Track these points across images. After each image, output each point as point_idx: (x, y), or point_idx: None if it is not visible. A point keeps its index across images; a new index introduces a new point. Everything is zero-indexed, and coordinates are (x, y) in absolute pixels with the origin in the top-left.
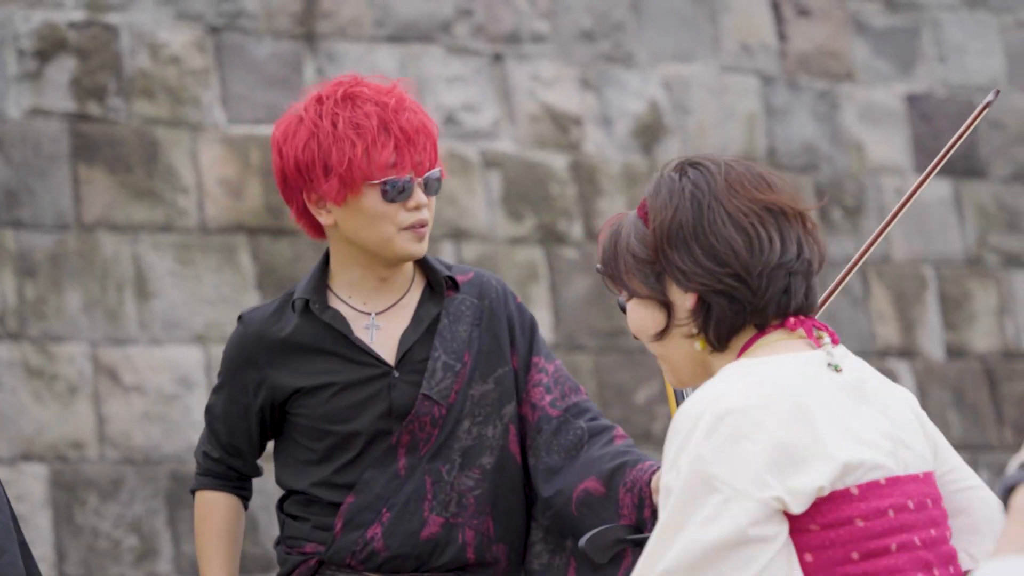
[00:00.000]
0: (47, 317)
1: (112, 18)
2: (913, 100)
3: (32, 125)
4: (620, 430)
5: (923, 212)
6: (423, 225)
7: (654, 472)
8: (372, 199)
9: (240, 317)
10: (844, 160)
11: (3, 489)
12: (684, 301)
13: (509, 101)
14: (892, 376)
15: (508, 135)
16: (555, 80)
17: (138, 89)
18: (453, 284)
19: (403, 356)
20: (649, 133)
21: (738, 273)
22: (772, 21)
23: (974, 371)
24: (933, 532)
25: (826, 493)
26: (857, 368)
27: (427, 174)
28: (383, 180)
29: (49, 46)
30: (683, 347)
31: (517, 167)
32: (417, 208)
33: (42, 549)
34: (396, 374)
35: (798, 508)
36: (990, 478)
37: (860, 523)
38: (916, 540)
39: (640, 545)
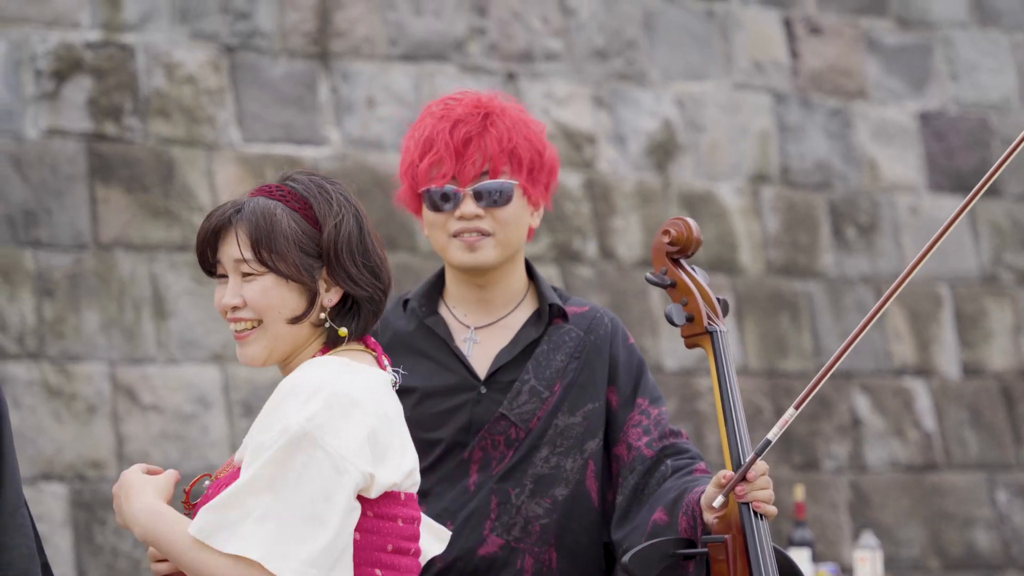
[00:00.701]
0: (65, 336)
1: (128, 38)
2: (926, 118)
3: (50, 145)
4: (703, 465)
5: (937, 230)
6: (471, 234)
7: (703, 491)
8: (425, 208)
9: None
10: (857, 178)
11: (28, 511)
12: (329, 296)
13: None
14: (909, 395)
15: None
16: (568, 98)
17: (154, 109)
18: (561, 313)
19: (493, 373)
20: (663, 151)
21: (385, 289)
22: (784, 39)
23: (991, 389)
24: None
25: (390, 489)
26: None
27: (477, 184)
28: (425, 189)
29: (66, 66)
30: (300, 331)
31: None
32: (463, 218)
33: (62, 569)
34: (483, 389)
35: (374, 493)
36: (1009, 498)
37: (400, 523)
38: (414, 550)
39: (691, 558)
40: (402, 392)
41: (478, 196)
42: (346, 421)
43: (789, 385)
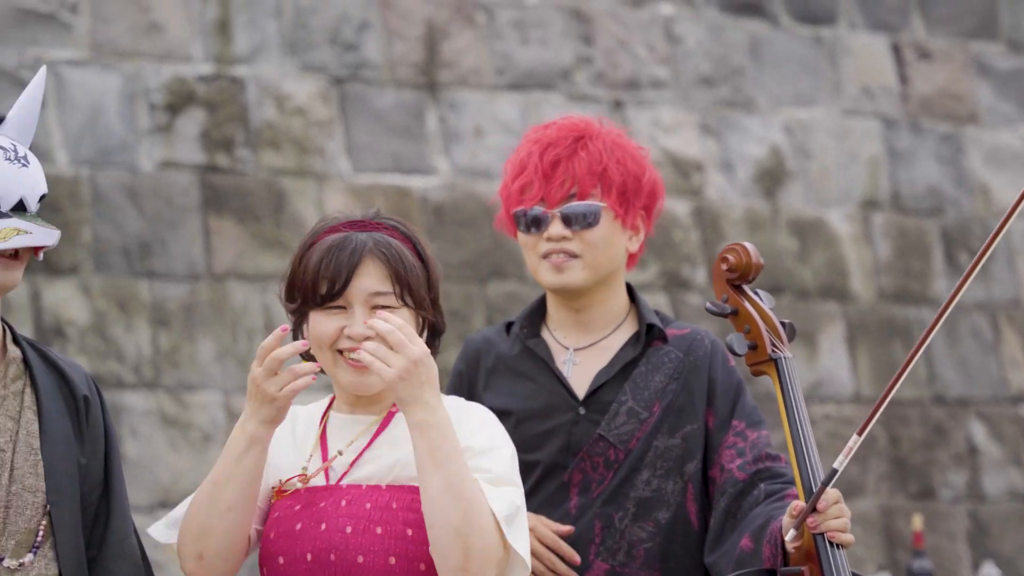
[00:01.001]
0: (180, 366)
1: (239, 71)
2: None
3: (164, 177)
4: (795, 490)
5: None
6: (558, 255)
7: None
8: (519, 231)
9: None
10: (970, 203)
11: (139, 539)
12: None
13: None
14: None
15: None
16: (676, 126)
17: (265, 140)
18: (661, 335)
19: (592, 394)
20: (771, 178)
21: None
22: (893, 64)
23: None
24: None
25: None
26: None
27: (564, 207)
28: (515, 211)
29: (179, 100)
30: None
31: None
32: (551, 239)
33: None
34: (581, 410)
35: None
36: None
37: None
38: None
39: None
40: (501, 414)
41: (566, 218)
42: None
43: (903, 413)
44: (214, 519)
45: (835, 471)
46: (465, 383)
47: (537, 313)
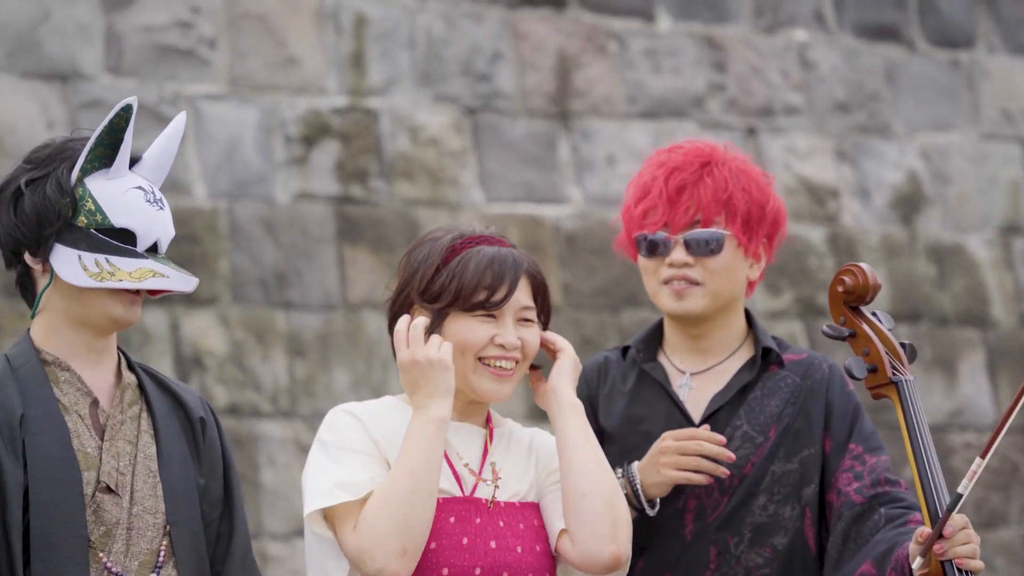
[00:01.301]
0: (316, 395)
1: (373, 102)
2: None
3: (299, 209)
4: (918, 515)
5: None
6: (679, 282)
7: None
8: (640, 255)
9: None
10: None
11: (254, 559)
12: None
13: None
14: None
15: None
16: (810, 152)
17: (399, 171)
18: (778, 360)
19: (707, 418)
20: (908, 204)
21: None
22: None
23: None
24: None
25: None
26: None
27: (688, 233)
28: (636, 235)
29: (314, 132)
30: None
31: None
32: (672, 265)
33: None
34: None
35: None
36: None
37: None
38: None
39: None
40: (617, 436)
41: (688, 244)
42: None
43: None
44: (419, 508)
45: (960, 496)
46: (587, 406)
47: (654, 337)
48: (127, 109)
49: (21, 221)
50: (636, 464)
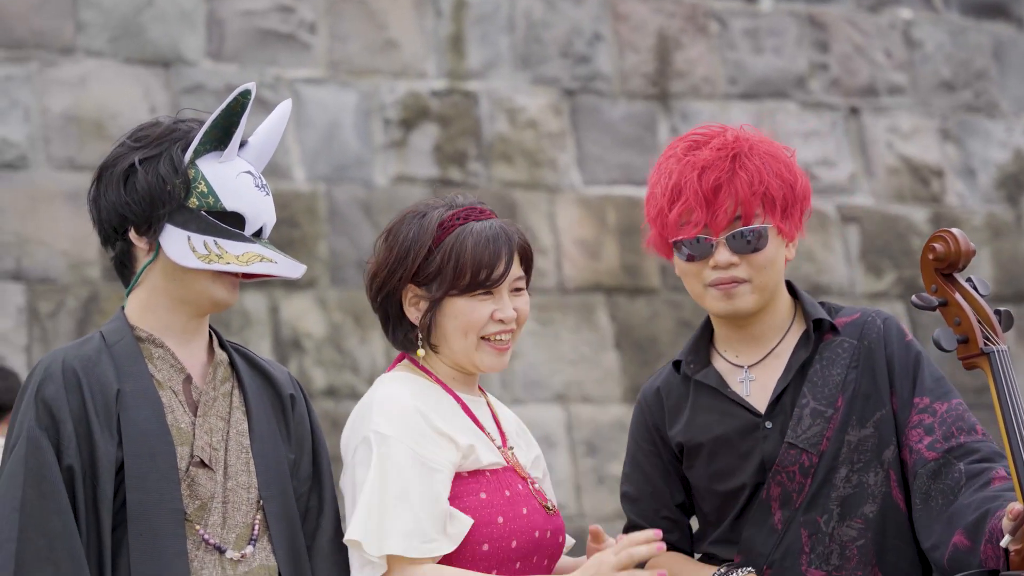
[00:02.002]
0: None
1: (472, 85)
2: None
3: (398, 191)
4: (1002, 471)
5: None
6: (728, 283)
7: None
8: (677, 257)
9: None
10: None
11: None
12: None
13: (866, 154)
14: None
15: (866, 189)
16: (914, 132)
17: (497, 153)
18: (831, 327)
19: (773, 405)
20: (1014, 183)
21: None
22: None
23: None
24: None
25: None
26: None
27: (731, 232)
28: (675, 240)
29: (413, 115)
30: None
31: (876, 221)
32: (718, 267)
33: None
34: (768, 424)
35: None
36: None
37: None
38: None
39: None
40: (694, 448)
41: (731, 244)
42: None
43: None
44: None
45: None
46: (653, 431)
47: (703, 339)
48: (245, 94)
49: (132, 199)
50: None
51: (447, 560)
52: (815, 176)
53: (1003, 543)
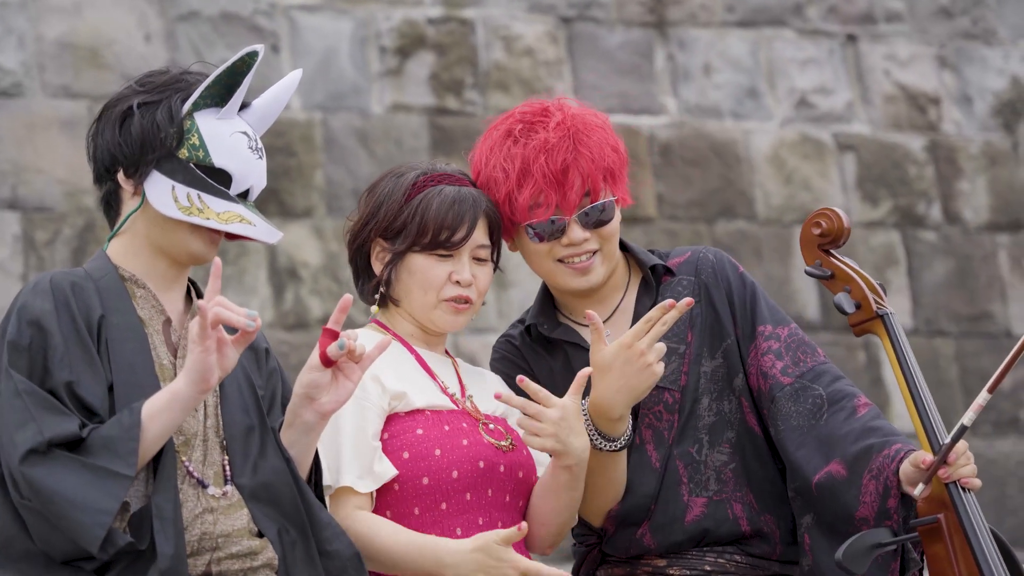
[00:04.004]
0: None
1: (468, 13)
2: None
3: (394, 120)
4: (863, 398)
5: None
6: (584, 261)
7: (902, 458)
8: (526, 238)
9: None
10: None
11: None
12: None
13: (863, 82)
14: None
15: (863, 117)
16: (911, 59)
17: (493, 82)
18: (666, 270)
19: None
20: (1011, 111)
21: None
22: None
23: None
24: None
25: None
26: None
27: (583, 210)
28: (527, 224)
29: (409, 43)
30: None
31: (872, 150)
32: (572, 244)
33: None
34: None
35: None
36: None
37: None
38: None
39: (895, 548)
40: None
41: (583, 220)
42: None
43: None
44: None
45: (964, 427)
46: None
47: (548, 305)
48: (252, 55)
49: (125, 140)
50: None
51: (389, 500)
52: (812, 104)
53: (916, 492)
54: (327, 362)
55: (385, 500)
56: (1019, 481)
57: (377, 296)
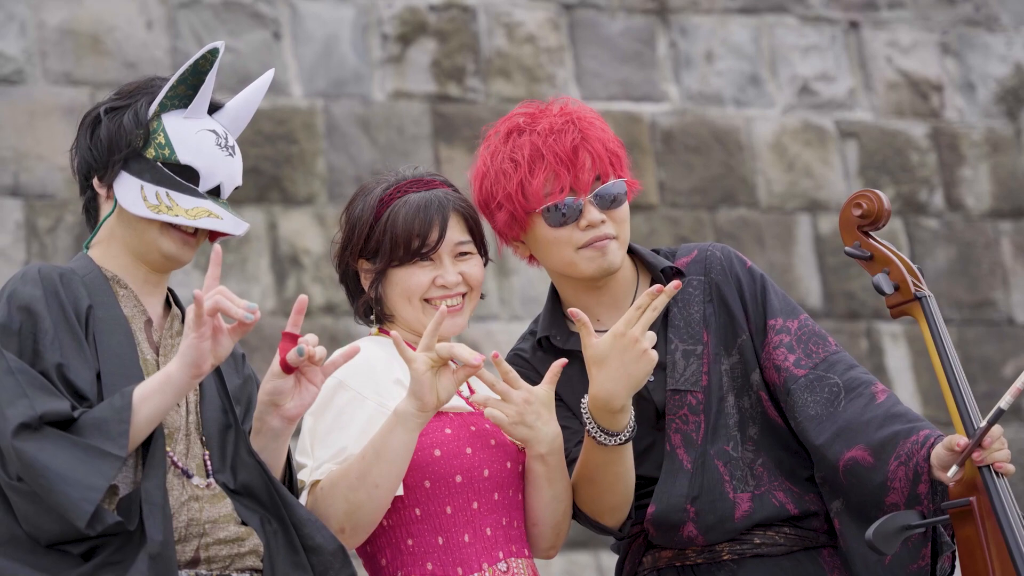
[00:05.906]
0: None
1: (469, 0)
2: None
3: (395, 107)
4: (880, 384)
5: None
6: (602, 240)
7: (932, 445)
8: (542, 227)
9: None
10: None
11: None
12: None
13: (866, 69)
14: None
15: (865, 104)
16: (913, 46)
17: (495, 69)
18: (676, 272)
19: None
20: (1014, 98)
21: None
22: None
23: None
24: None
25: None
26: None
27: (597, 190)
28: (543, 208)
29: (411, 30)
30: None
31: (875, 136)
32: (591, 226)
33: None
34: (651, 378)
35: None
36: None
37: None
38: None
39: (924, 531)
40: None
41: (598, 201)
42: None
43: None
44: (361, 494)
45: (1001, 411)
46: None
47: (557, 312)
48: (213, 52)
49: (95, 146)
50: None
51: (419, 497)
52: (814, 91)
53: (949, 474)
54: (287, 368)
55: (415, 497)
56: (1020, 468)
57: (372, 316)
